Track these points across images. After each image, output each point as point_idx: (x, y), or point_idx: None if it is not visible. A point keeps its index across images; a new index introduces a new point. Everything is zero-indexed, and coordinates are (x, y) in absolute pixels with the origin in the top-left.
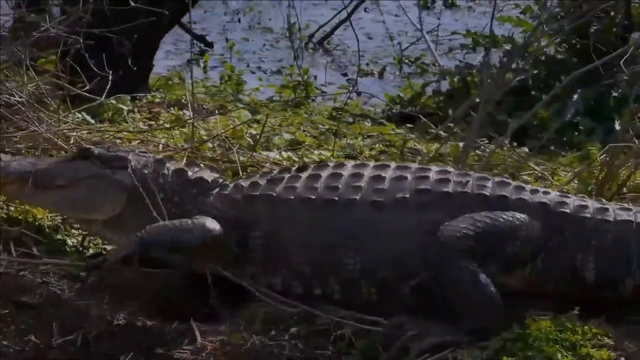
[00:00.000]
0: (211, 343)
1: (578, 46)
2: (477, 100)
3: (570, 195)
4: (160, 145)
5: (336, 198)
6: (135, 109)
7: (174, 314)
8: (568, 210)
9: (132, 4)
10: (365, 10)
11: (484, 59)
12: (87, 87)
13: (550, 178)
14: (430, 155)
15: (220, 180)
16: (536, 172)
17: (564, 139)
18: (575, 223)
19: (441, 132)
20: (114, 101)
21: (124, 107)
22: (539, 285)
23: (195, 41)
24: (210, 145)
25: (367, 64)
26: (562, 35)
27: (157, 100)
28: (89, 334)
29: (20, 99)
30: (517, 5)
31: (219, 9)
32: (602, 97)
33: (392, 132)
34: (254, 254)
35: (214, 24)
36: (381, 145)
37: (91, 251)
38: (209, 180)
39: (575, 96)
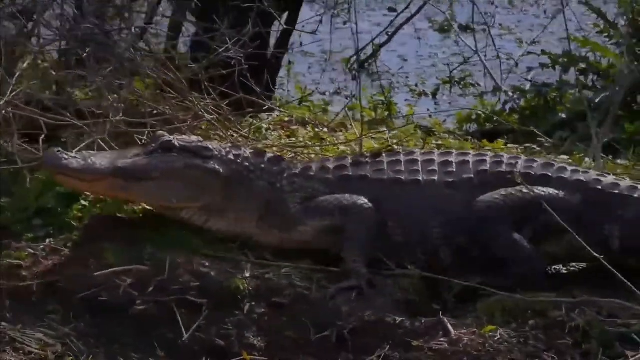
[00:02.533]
0: (465, 335)
1: None
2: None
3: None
4: None
5: (420, 179)
6: (271, 127)
7: (412, 311)
8: (600, 187)
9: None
10: (387, 34)
11: (561, 77)
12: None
13: None
14: None
15: (291, 162)
16: None
17: None
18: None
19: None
20: (250, 119)
21: (264, 125)
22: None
23: None
24: None
25: (416, 85)
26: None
27: (286, 118)
28: (343, 329)
29: (209, 117)
30: (595, 24)
31: None
32: None
33: (503, 147)
34: None
35: None
36: None
37: None
38: (284, 159)
39: None
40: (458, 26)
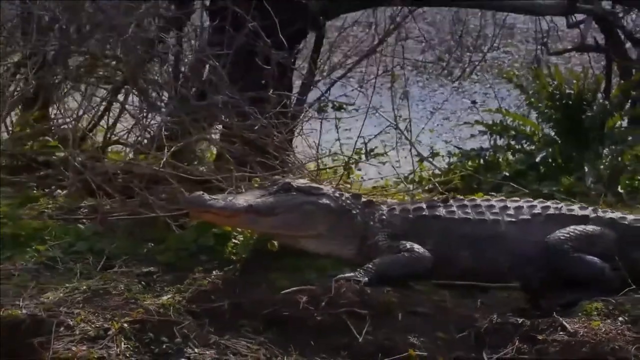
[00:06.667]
0: (579, 329)
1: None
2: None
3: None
4: None
5: (486, 218)
6: None
7: (525, 316)
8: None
9: None
10: None
11: (495, 142)
12: None
13: None
14: None
15: (378, 204)
16: None
17: None
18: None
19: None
20: None
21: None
22: None
23: None
24: None
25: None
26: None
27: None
28: (479, 330)
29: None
30: (527, 97)
31: None
32: None
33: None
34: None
35: None
36: None
37: None
38: (375, 202)
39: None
40: (332, 106)
